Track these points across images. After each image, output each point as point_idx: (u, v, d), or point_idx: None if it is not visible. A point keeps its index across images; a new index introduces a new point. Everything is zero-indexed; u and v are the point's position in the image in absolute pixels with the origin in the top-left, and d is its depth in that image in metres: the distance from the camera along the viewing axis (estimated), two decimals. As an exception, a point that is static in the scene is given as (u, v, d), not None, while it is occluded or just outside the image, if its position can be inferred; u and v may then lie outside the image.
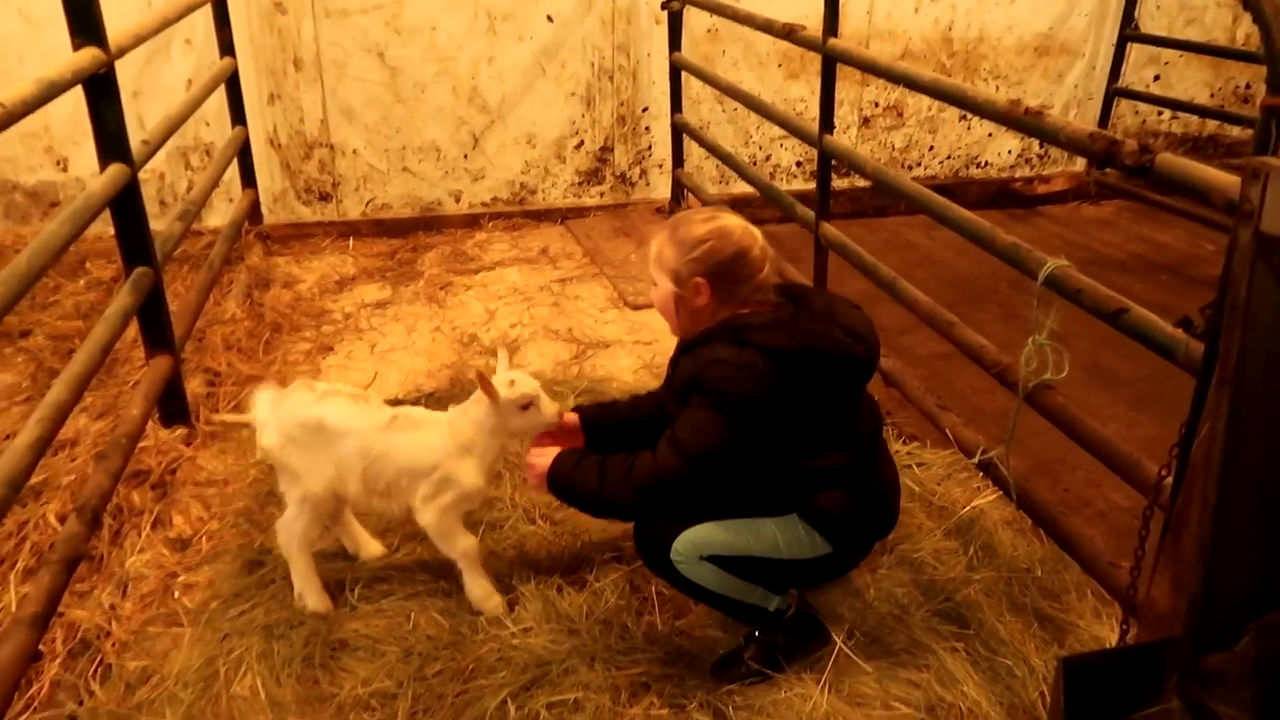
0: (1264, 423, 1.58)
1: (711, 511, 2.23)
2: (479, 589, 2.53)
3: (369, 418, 2.43)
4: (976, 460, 3.03)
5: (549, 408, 2.41)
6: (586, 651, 2.37)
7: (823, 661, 2.35)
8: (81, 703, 2.28)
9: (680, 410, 2.16)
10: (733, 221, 2.20)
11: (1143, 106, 6.54)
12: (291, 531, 2.50)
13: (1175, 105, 6.44)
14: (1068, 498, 3.31)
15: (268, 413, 2.48)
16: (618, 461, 2.20)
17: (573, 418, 2.49)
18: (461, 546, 2.49)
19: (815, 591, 2.55)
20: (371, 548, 2.75)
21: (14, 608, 2.50)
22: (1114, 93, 6.33)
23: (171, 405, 3.35)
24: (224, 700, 2.28)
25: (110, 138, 3.02)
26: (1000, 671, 2.36)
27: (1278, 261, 1.49)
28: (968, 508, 2.92)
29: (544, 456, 2.31)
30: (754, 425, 2.08)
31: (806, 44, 3.95)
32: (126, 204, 3.09)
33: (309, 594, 2.54)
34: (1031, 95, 6.27)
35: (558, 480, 2.27)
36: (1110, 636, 2.45)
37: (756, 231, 2.22)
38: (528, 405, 2.38)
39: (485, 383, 2.33)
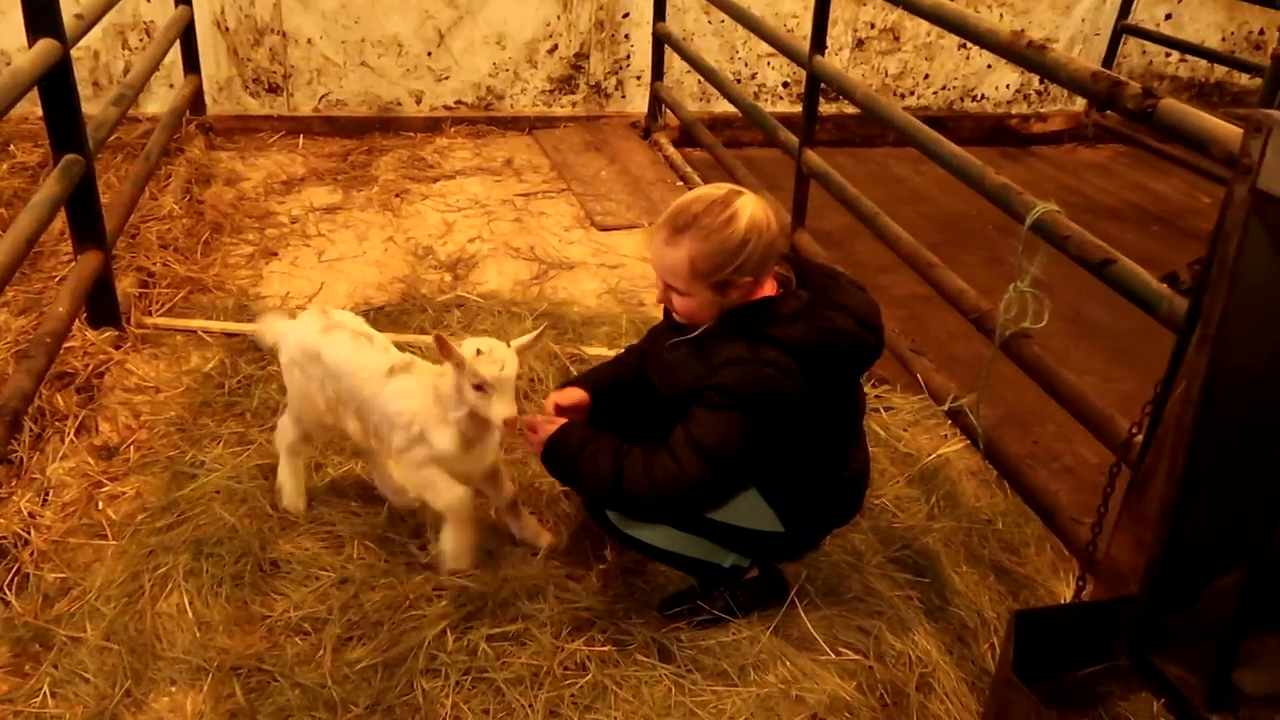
0: (1240, 385, 1.58)
1: None
2: (453, 543, 2.32)
3: (367, 359, 2.31)
4: (946, 408, 3.00)
5: (500, 409, 2.10)
6: (533, 586, 2.30)
7: (774, 605, 2.31)
8: (-5, 613, 2.21)
9: (692, 408, 2.00)
10: (754, 206, 1.98)
11: (1151, 47, 6.37)
12: (283, 436, 2.52)
13: (1184, 48, 6.26)
14: (1036, 450, 3.28)
15: (282, 329, 2.47)
16: (634, 458, 2.03)
17: (583, 396, 2.26)
18: (446, 499, 2.28)
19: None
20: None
21: (-77, 510, 2.41)
22: (1122, 30, 6.15)
23: (101, 305, 3.24)
24: (149, 617, 2.23)
25: (40, 9, 2.86)
26: (953, 622, 2.36)
27: (1273, 220, 1.48)
28: (933, 455, 2.89)
29: (549, 425, 2.11)
30: (776, 421, 1.98)
31: (801, -45, 3.75)
32: (57, 83, 2.94)
33: (286, 489, 2.53)
34: (1037, 27, 6.07)
35: (558, 454, 2.08)
36: (1067, 593, 2.44)
37: (766, 198, 2.07)
38: (479, 387, 2.11)
39: (442, 343, 2.10)
